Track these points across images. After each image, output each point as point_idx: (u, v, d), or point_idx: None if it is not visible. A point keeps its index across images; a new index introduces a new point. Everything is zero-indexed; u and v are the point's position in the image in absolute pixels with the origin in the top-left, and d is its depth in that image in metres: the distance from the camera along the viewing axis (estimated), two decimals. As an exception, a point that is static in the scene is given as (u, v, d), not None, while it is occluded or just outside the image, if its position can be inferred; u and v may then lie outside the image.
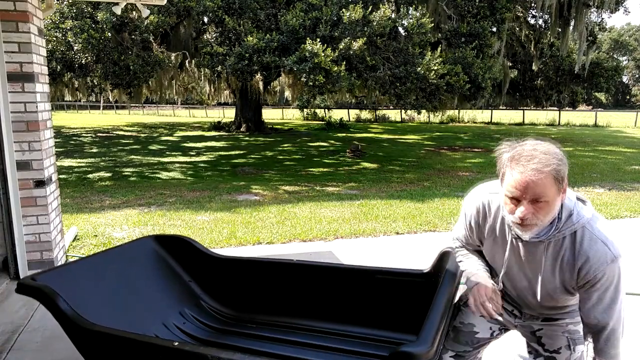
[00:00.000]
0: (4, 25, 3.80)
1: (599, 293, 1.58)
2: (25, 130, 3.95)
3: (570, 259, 1.58)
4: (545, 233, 1.57)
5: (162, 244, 3.03)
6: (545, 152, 1.50)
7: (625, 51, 67.07)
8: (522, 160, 1.48)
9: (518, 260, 1.71)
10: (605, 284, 1.57)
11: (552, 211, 1.51)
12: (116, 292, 2.66)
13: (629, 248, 5.27)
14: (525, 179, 1.46)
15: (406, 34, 12.01)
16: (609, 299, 1.59)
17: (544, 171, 1.46)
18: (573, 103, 25.63)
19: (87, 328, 2.04)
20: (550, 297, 1.72)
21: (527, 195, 1.47)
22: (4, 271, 4.13)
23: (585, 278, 1.56)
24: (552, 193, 1.47)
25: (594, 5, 16.52)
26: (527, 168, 1.46)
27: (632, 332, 3.33)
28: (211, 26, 14.30)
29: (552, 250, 1.61)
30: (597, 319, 1.60)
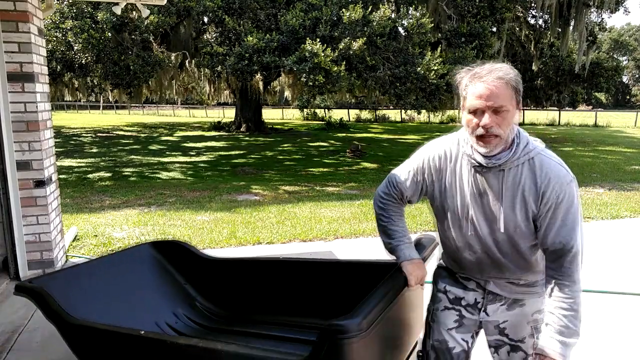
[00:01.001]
0: (4, 25, 3.80)
1: (562, 214, 1.59)
2: (25, 130, 3.95)
3: (531, 185, 1.61)
4: (505, 156, 1.60)
5: (159, 249, 3.10)
6: (502, 66, 1.59)
7: (625, 51, 67.06)
8: (484, 73, 1.56)
9: (478, 201, 1.68)
10: (568, 204, 1.59)
11: (511, 124, 1.58)
12: (111, 296, 2.71)
13: (629, 248, 5.28)
14: (488, 87, 1.53)
15: (406, 34, 12.02)
16: (572, 220, 1.60)
17: (505, 78, 1.54)
18: (573, 103, 25.69)
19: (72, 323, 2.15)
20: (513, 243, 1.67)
21: (490, 104, 1.54)
22: (4, 271, 4.13)
23: (549, 200, 1.58)
24: (512, 103, 1.56)
25: (594, 5, 16.53)
26: (489, 78, 1.54)
27: (632, 332, 3.34)
28: (211, 26, 14.31)
29: (512, 181, 1.62)
30: (562, 241, 1.59)
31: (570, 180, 1.61)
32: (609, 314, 3.62)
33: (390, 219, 1.90)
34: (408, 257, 1.85)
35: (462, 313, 1.84)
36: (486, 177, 1.65)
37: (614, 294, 3.98)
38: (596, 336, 3.27)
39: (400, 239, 1.88)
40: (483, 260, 1.75)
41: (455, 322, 1.85)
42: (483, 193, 1.67)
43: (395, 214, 1.90)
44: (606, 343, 3.18)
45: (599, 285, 4.13)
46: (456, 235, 1.77)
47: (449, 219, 1.77)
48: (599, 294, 3.97)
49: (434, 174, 1.77)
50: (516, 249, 1.69)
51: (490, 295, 1.80)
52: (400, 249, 1.87)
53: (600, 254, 5.03)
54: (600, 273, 4.47)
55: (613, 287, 4.10)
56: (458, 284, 1.87)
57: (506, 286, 1.78)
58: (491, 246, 1.71)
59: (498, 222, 1.66)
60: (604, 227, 6.12)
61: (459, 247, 1.78)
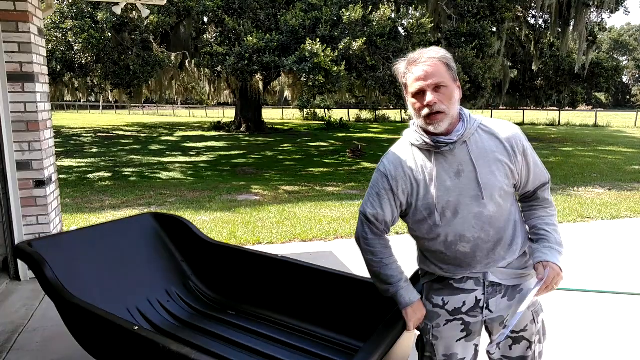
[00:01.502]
0: (4, 25, 3.80)
1: (529, 156, 1.74)
2: (25, 130, 3.95)
3: (498, 144, 1.70)
4: (461, 128, 1.68)
5: (160, 222, 3.11)
6: (432, 48, 1.69)
7: (625, 51, 67.06)
8: (416, 57, 1.66)
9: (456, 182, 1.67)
10: (528, 149, 1.74)
11: (453, 99, 1.65)
12: (107, 264, 2.74)
13: (629, 248, 5.28)
14: (424, 68, 1.63)
15: (406, 34, 12.01)
16: (535, 160, 1.77)
17: (435, 57, 1.64)
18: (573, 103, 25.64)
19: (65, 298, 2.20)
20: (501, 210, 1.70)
21: (429, 82, 1.62)
22: (4, 271, 4.13)
23: (517, 149, 1.70)
24: (448, 77, 1.64)
25: (593, 5, 16.52)
26: (421, 60, 1.64)
27: (632, 332, 3.34)
28: (211, 26, 14.30)
29: (477, 147, 1.69)
30: (540, 180, 1.79)
31: (518, 128, 1.76)
32: (609, 314, 3.62)
33: (381, 262, 1.82)
34: (409, 303, 1.79)
35: (466, 320, 1.78)
36: (455, 154, 1.69)
37: (614, 294, 3.98)
38: (596, 336, 3.27)
39: (397, 284, 1.81)
40: (480, 245, 1.70)
41: (462, 331, 1.79)
42: (460, 170, 1.68)
43: (384, 254, 1.82)
44: (606, 343, 3.18)
45: (599, 285, 4.13)
46: (446, 230, 1.70)
47: (435, 217, 1.70)
48: (599, 294, 3.97)
49: (402, 182, 1.73)
50: (500, 214, 1.71)
51: (490, 288, 1.75)
52: (400, 294, 1.80)
53: (600, 254, 5.03)
54: (601, 273, 4.47)
55: (613, 287, 4.10)
56: (455, 292, 1.78)
57: (503, 272, 1.76)
58: (483, 225, 1.68)
59: (486, 193, 1.67)
60: (604, 227, 6.12)
61: (449, 242, 1.71)
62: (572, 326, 3.42)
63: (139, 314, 2.73)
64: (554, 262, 1.72)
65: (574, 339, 3.23)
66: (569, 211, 6.84)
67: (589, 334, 3.30)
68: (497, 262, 1.74)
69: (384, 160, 1.81)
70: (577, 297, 3.93)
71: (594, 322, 3.48)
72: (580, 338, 3.25)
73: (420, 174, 1.72)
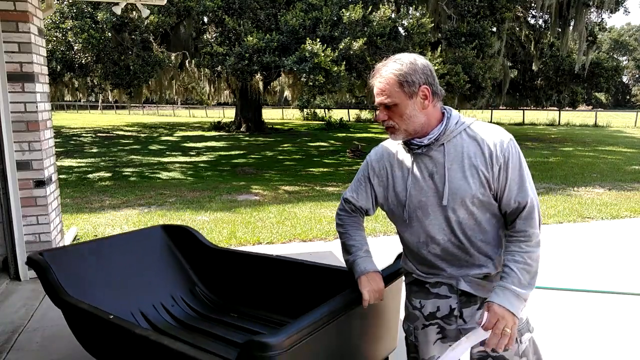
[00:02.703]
0: (4, 25, 3.80)
1: (511, 174, 1.61)
2: (25, 130, 3.95)
3: (476, 150, 1.62)
4: (436, 131, 1.64)
5: (169, 233, 3.17)
6: (396, 59, 1.62)
7: (625, 51, 67.06)
8: (377, 69, 1.65)
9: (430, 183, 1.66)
10: (514, 162, 1.61)
11: (407, 115, 1.61)
12: (115, 272, 2.80)
13: (629, 248, 5.28)
14: (378, 86, 1.63)
15: (406, 34, 12.01)
16: (520, 177, 1.61)
17: (385, 76, 1.61)
18: (573, 103, 25.65)
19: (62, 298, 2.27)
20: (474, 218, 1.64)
21: (379, 100, 1.63)
22: (4, 271, 4.13)
23: (497, 160, 1.60)
24: (399, 96, 1.60)
25: (593, 5, 16.53)
26: (377, 75, 1.64)
27: (632, 332, 3.34)
28: (211, 26, 14.30)
29: (454, 151, 1.63)
30: (517, 200, 1.61)
31: (510, 137, 1.64)
32: (609, 314, 3.62)
33: (347, 233, 1.88)
34: (363, 271, 1.80)
35: (441, 325, 1.76)
36: (430, 156, 1.66)
37: (614, 294, 3.98)
38: (596, 336, 3.27)
39: (356, 254, 1.83)
40: (449, 249, 1.68)
41: (438, 333, 1.78)
42: (432, 174, 1.65)
43: (351, 227, 1.88)
44: (606, 343, 3.18)
45: (599, 285, 4.13)
46: (417, 230, 1.72)
47: (405, 215, 1.72)
48: (599, 294, 3.97)
49: (379, 174, 1.78)
50: (477, 225, 1.65)
51: (463, 297, 1.71)
52: (357, 263, 1.82)
53: (600, 254, 5.03)
54: (601, 273, 4.47)
55: (613, 287, 4.10)
56: (430, 296, 1.76)
57: (478, 283, 1.69)
58: (453, 229, 1.66)
59: (456, 197, 1.62)
60: (604, 227, 6.12)
61: (422, 242, 1.71)
62: (572, 326, 3.42)
63: (142, 316, 2.75)
64: (500, 303, 1.53)
65: (574, 339, 3.23)
66: (569, 211, 6.84)
67: (588, 334, 3.30)
68: (470, 270, 1.69)
69: (372, 151, 1.85)
70: (577, 297, 3.93)
71: (594, 322, 3.48)
72: (580, 338, 3.25)
73: (398, 170, 1.73)
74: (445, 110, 1.69)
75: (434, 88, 1.63)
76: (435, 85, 1.64)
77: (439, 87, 1.66)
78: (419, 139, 1.65)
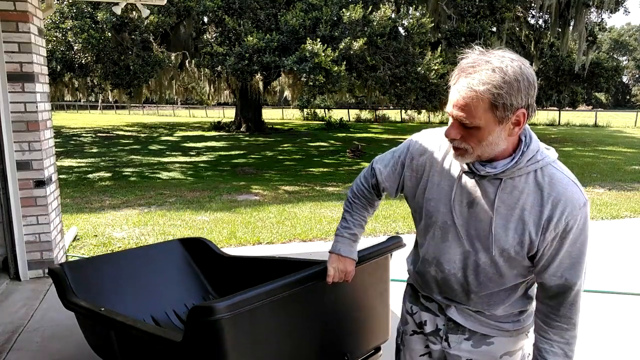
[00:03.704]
0: (4, 25, 3.80)
1: (568, 246, 1.31)
2: (25, 130, 3.95)
3: (534, 204, 1.30)
4: (503, 165, 1.31)
5: (186, 246, 3.25)
6: (496, 67, 1.20)
7: (625, 51, 67.07)
8: (465, 72, 1.24)
9: (464, 212, 1.40)
10: (576, 233, 1.30)
11: (488, 141, 1.27)
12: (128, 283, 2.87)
13: (629, 248, 5.28)
14: (460, 94, 1.24)
15: (406, 34, 12.02)
16: (579, 252, 1.32)
17: (475, 90, 1.20)
18: (573, 103, 25.67)
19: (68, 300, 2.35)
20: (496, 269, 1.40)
21: (454, 113, 1.26)
22: (4, 271, 4.13)
23: (556, 227, 1.29)
24: (486, 120, 1.23)
25: (593, 5, 16.53)
26: (462, 83, 1.24)
27: (632, 332, 3.34)
28: (211, 26, 14.30)
29: (510, 193, 1.32)
30: (564, 277, 1.32)
31: (584, 203, 1.30)
32: (609, 314, 3.62)
33: (351, 208, 1.72)
34: (337, 251, 1.69)
35: (429, 339, 1.62)
36: (479, 185, 1.36)
37: (614, 294, 3.98)
38: (596, 336, 3.27)
39: (342, 231, 1.70)
40: (450, 282, 1.48)
41: (426, 347, 1.64)
42: (472, 203, 1.38)
43: (359, 204, 1.71)
44: (606, 343, 3.18)
45: (599, 285, 4.13)
46: (428, 245, 1.51)
47: (422, 225, 1.51)
48: (599, 294, 3.97)
49: (415, 167, 1.51)
50: (498, 276, 1.41)
51: (451, 322, 1.53)
52: (337, 240, 1.71)
53: (600, 254, 5.03)
54: (601, 273, 4.47)
55: (613, 287, 4.10)
56: (420, 306, 1.62)
57: (470, 315, 1.50)
58: (467, 268, 1.43)
59: (485, 241, 1.37)
60: (604, 227, 6.12)
61: (427, 260, 1.52)
62: (572, 326, 3.42)
63: (152, 320, 2.80)
64: None
65: (574, 339, 3.24)
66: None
67: (588, 334, 3.30)
68: (464, 306, 1.51)
69: (418, 136, 1.55)
70: (577, 297, 3.93)
71: (594, 322, 3.48)
72: (579, 338, 3.24)
73: (438, 176, 1.45)
74: (524, 138, 1.33)
75: (530, 111, 1.26)
76: (533, 106, 1.26)
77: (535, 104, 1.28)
78: (479, 163, 1.34)
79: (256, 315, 1.65)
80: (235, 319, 1.58)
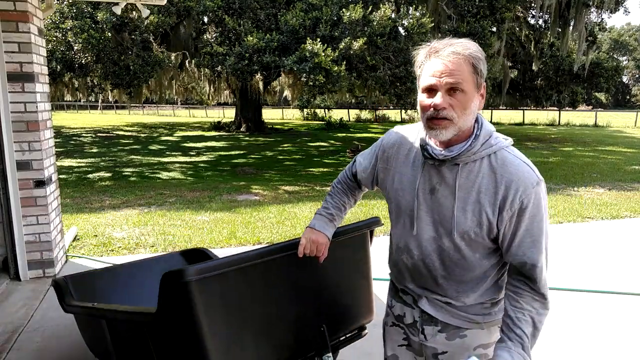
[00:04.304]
0: (4, 25, 3.80)
1: (527, 224, 1.37)
2: (25, 130, 3.95)
3: (489, 186, 1.39)
4: (459, 148, 1.39)
5: (186, 257, 3.27)
6: (461, 42, 1.36)
7: (625, 51, 67.08)
8: (440, 47, 1.35)
9: (428, 198, 1.48)
10: (533, 212, 1.36)
11: (468, 109, 1.35)
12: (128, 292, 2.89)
13: (629, 248, 5.28)
14: (443, 62, 1.33)
15: (406, 34, 12.02)
16: (537, 230, 1.38)
17: (462, 54, 1.33)
18: (573, 103, 25.67)
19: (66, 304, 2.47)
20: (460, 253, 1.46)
21: (444, 81, 1.33)
22: (4, 271, 4.13)
23: (511, 206, 1.36)
24: (469, 82, 1.34)
25: (593, 5, 16.54)
26: (445, 52, 1.34)
27: (632, 332, 3.34)
28: (211, 26, 14.31)
29: (466, 178, 1.41)
30: (526, 256, 1.38)
31: (537, 182, 1.37)
32: (609, 314, 3.62)
33: (332, 191, 1.83)
34: (312, 225, 1.76)
35: (406, 331, 1.67)
36: (440, 172, 1.45)
37: (614, 294, 3.98)
38: (596, 336, 3.27)
39: (320, 210, 1.80)
40: (419, 268, 1.54)
41: (404, 339, 1.69)
42: (434, 190, 1.46)
43: (340, 189, 1.82)
44: (606, 343, 3.18)
45: (599, 285, 4.13)
46: (399, 233, 1.60)
47: (394, 215, 1.61)
48: (599, 294, 3.97)
49: (386, 159, 1.62)
50: (462, 260, 1.47)
51: (425, 314, 1.59)
52: (315, 217, 1.79)
53: (600, 254, 5.03)
54: (601, 273, 4.47)
55: (613, 287, 4.10)
56: (399, 300, 1.68)
57: (442, 307, 1.55)
58: (431, 253, 1.50)
59: (448, 226, 1.44)
60: (604, 227, 6.12)
61: (400, 247, 1.60)
62: (572, 326, 3.42)
63: None
64: None
65: (573, 338, 3.24)
66: (569, 211, 6.84)
67: (588, 334, 3.30)
68: (431, 294, 1.56)
69: (390, 134, 1.67)
70: (577, 297, 3.93)
71: (594, 322, 3.48)
72: (579, 338, 3.25)
73: (404, 166, 1.56)
74: (477, 123, 1.42)
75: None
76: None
77: None
78: (438, 149, 1.42)
79: (228, 282, 1.71)
80: (205, 282, 1.64)
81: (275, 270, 1.84)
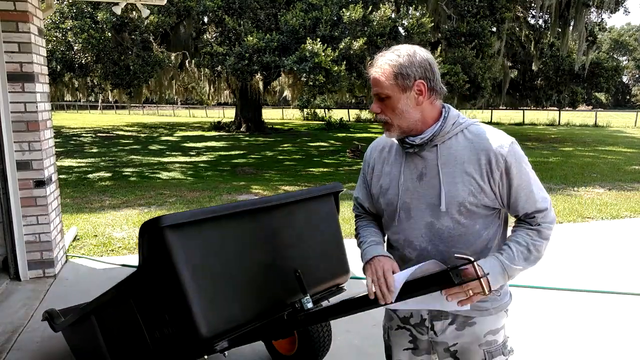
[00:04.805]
0: (4, 25, 3.80)
1: (516, 179, 1.49)
2: (25, 130, 3.95)
3: (470, 156, 1.51)
4: (431, 130, 1.54)
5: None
6: (394, 50, 1.53)
7: (625, 51, 67.05)
8: (377, 58, 1.56)
9: (417, 185, 1.56)
10: (517, 167, 1.49)
11: (400, 109, 1.52)
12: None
13: (629, 248, 5.28)
14: (373, 75, 1.54)
15: (406, 34, 12.03)
16: (527, 183, 1.51)
17: (381, 66, 1.52)
18: (573, 103, 25.63)
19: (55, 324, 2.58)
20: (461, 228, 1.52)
21: (374, 91, 1.55)
22: (4, 271, 4.13)
23: (497, 166, 1.48)
24: (392, 89, 1.50)
25: (593, 5, 16.53)
26: (377, 63, 1.54)
27: (632, 332, 3.34)
28: (211, 26, 14.32)
29: (447, 154, 1.53)
30: (525, 208, 1.51)
31: (510, 142, 1.51)
32: (609, 314, 3.62)
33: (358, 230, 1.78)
34: (363, 260, 1.63)
35: (413, 333, 1.69)
36: (421, 158, 1.56)
37: (614, 294, 3.98)
38: (596, 336, 3.27)
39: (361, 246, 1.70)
40: (425, 258, 1.54)
41: (410, 342, 1.71)
42: (421, 175, 1.56)
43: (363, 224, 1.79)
44: (606, 343, 3.18)
45: (599, 285, 4.13)
46: (397, 231, 1.63)
47: (387, 216, 1.66)
48: (599, 294, 3.97)
49: (370, 169, 1.72)
50: (464, 234, 1.53)
51: (434, 310, 1.61)
52: (361, 255, 1.67)
53: (600, 254, 5.03)
54: (601, 273, 4.47)
55: (613, 287, 4.10)
56: None
57: None
58: (433, 238, 1.55)
59: (441, 203, 1.52)
60: (604, 227, 6.12)
61: (400, 244, 1.63)
62: (572, 326, 3.42)
63: None
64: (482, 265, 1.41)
65: (573, 338, 3.23)
66: (569, 211, 6.84)
67: (588, 334, 3.30)
68: None
69: (371, 145, 1.79)
70: (577, 297, 3.93)
71: (594, 322, 3.48)
72: (580, 338, 3.24)
73: (388, 166, 1.66)
74: (444, 109, 1.58)
75: (431, 84, 1.52)
76: (434, 81, 1.52)
77: (440, 84, 1.55)
78: (412, 137, 1.55)
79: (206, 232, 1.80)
80: (182, 230, 1.72)
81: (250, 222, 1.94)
